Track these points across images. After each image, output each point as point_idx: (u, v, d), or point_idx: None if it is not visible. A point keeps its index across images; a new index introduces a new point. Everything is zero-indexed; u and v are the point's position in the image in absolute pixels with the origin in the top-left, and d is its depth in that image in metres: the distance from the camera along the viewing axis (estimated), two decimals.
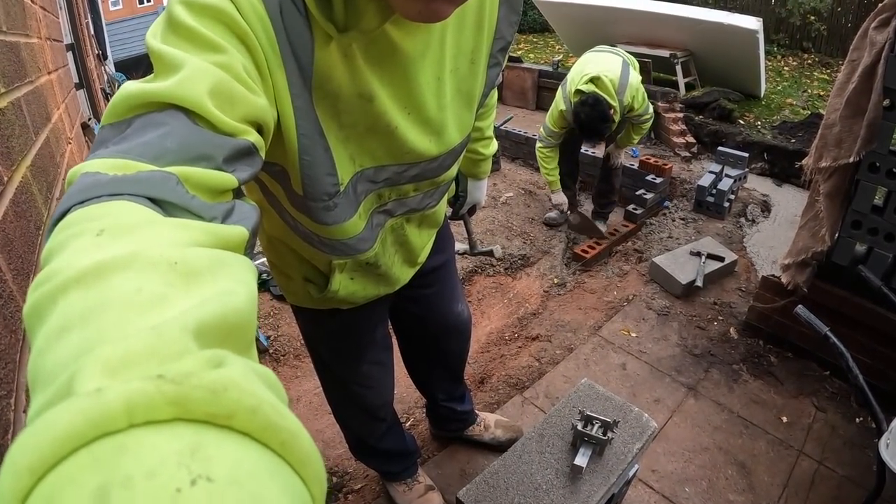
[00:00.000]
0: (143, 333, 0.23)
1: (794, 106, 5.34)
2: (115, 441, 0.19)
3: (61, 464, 0.18)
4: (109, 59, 7.07)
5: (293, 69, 0.60)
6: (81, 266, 0.28)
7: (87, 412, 0.19)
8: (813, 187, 2.05)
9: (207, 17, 0.51)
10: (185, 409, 0.20)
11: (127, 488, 0.17)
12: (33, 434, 0.19)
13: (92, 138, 1.73)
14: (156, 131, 0.42)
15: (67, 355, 0.24)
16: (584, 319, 2.67)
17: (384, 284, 1.08)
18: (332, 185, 0.73)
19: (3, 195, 0.47)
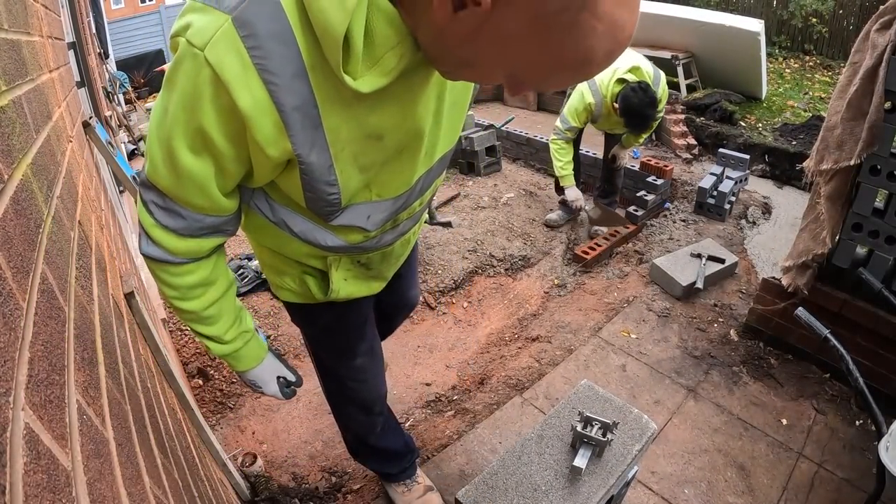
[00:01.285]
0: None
1: (795, 108, 5.34)
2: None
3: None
4: (111, 57, 7.07)
5: (303, 143, 0.70)
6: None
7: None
8: (814, 189, 2.05)
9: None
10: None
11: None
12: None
13: (93, 137, 1.74)
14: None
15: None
16: (584, 321, 2.67)
17: (375, 287, 1.19)
18: (333, 204, 0.83)
19: (4, 193, 0.47)
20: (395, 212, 0.94)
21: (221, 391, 2.33)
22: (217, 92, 0.64)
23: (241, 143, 0.70)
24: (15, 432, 0.35)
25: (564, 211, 3.63)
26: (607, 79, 2.82)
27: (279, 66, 0.63)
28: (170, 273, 0.89)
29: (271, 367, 1.15)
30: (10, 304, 0.41)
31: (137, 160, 4.96)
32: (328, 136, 0.71)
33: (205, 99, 0.65)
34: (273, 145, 0.69)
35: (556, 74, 0.61)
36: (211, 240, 0.87)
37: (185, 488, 0.88)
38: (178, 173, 0.73)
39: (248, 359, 1.07)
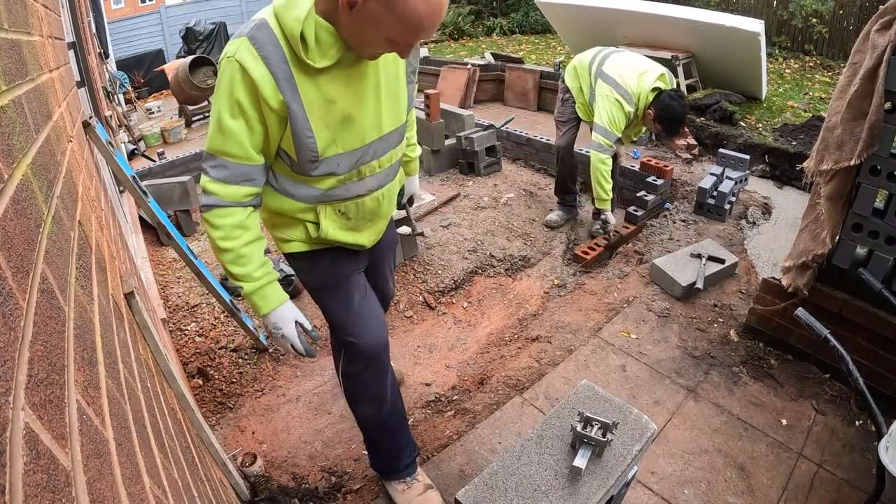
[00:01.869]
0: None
1: (795, 108, 5.34)
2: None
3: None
4: (111, 57, 7.07)
5: (291, 97, 1.16)
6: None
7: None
8: (814, 190, 2.05)
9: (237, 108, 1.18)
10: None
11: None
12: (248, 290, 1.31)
13: (93, 136, 1.74)
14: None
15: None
16: (584, 321, 2.67)
17: (358, 240, 1.49)
18: (312, 153, 1.25)
19: (4, 193, 0.47)
20: (356, 163, 1.33)
21: (221, 391, 2.33)
22: (243, 75, 1.13)
23: (258, 108, 1.17)
24: (15, 432, 0.35)
25: (564, 211, 3.64)
26: (638, 87, 2.87)
27: (272, 56, 1.13)
28: (218, 216, 1.26)
29: (291, 311, 1.39)
30: (10, 304, 0.41)
31: (137, 160, 4.96)
32: (301, 96, 1.17)
33: (236, 82, 1.14)
34: (273, 98, 1.15)
35: (410, 35, 1.08)
36: (245, 187, 1.26)
37: (184, 488, 0.88)
38: (224, 134, 1.19)
39: (272, 298, 1.35)
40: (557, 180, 3.59)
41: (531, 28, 10.62)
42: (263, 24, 1.12)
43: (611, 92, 2.90)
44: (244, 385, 2.38)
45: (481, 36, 10.53)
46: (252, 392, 2.34)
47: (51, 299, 0.53)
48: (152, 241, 3.49)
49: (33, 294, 0.48)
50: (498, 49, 8.67)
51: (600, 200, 3.17)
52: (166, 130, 5.67)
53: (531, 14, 10.50)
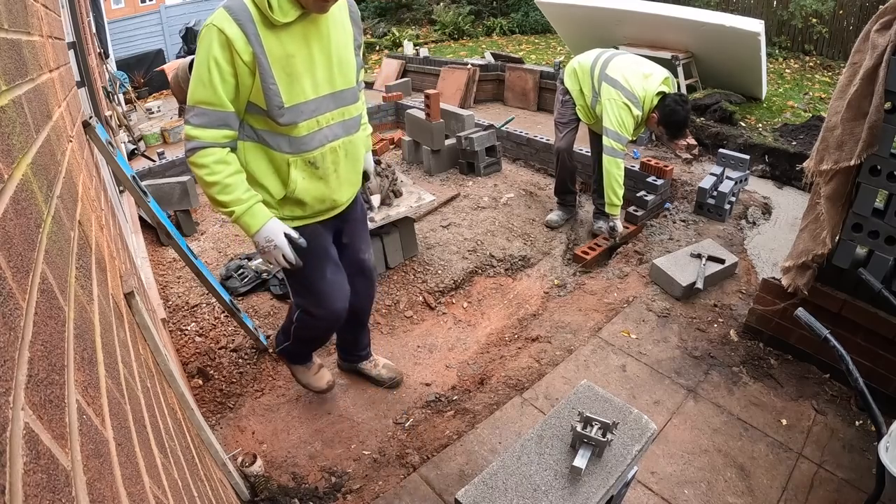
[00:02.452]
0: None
1: (795, 108, 5.34)
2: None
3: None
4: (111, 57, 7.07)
5: (259, 51, 1.41)
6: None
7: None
8: (814, 190, 2.05)
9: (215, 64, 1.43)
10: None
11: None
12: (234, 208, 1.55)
13: (93, 136, 1.74)
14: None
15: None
16: (584, 321, 2.67)
17: (327, 200, 1.70)
18: (278, 101, 1.48)
19: (4, 193, 0.47)
20: (314, 112, 1.56)
21: (221, 391, 2.33)
22: (219, 35, 1.38)
23: (231, 63, 1.42)
24: (15, 432, 0.35)
25: (564, 211, 3.63)
26: (643, 91, 2.89)
27: (244, 18, 1.39)
28: (201, 155, 1.48)
29: (279, 224, 1.62)
30: (10, 304, 0.41)
31: (137, 160, 4.96)
32: (266, 49, 1.42)
33: (214, 41, 1.39)
34: (244, 51, 1.40)
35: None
36: (222, 130, 1.49)
37: (184, 488, 0.88)
38: (203, 86, 1.43)
39: (261, 215, 1.58)
40: (557, 181, 3.59)
41: (531, 28, 10.62)
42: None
43: (618, 96, 2.90)
44: (244, 385, 2.38)
45: (481, 36, 10.53)
46: (252, 392, 2.34)
47: (51, 299, 0.53)
48: (152, 241, 3.49)
49: (33, 294, 0.48)
50: (498, 49, 8.68)
51: (611, 206, 3.15)
52: (166, 130, 5.67)
53: (531, 14, 10.50)
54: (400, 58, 7.75)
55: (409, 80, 7.02)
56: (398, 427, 2.15)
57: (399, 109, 5.90)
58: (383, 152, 5.17)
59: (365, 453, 2.03)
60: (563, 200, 3.65)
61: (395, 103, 6.01)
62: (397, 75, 7.35)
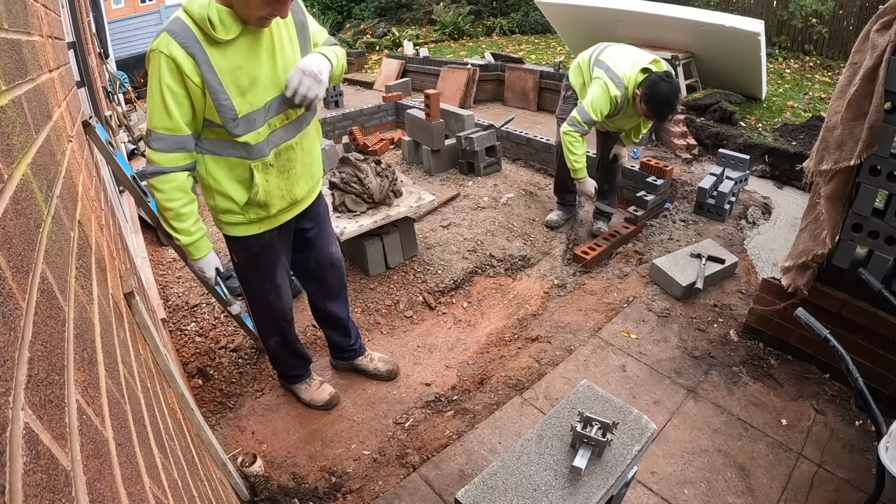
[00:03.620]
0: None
1: (795, 108, 5.34)
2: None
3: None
4: (111, 57, 7.07)
5: (207, 70, 1.46)
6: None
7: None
8: (814, 190, 2.05)
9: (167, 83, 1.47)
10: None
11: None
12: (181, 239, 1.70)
13: (93, 136, 1.75)
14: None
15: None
16: (584, 321, 2.67)
17: (287, 196, 1.78)
18: (232, 113, 1.53)
19: (4, 193, 0.47)
20: (266, 116, 1.61)
21: (221, 391, 2.33)
22: (167, 61, 1.43)
23: (183, 85, 1.46)
24: (15, 432, 0.35)
25: (564, 211, 3.63)
26: (630, 71, 2.81)
27: (188, 40, 1.42)
28: (161, 181, 1.57)
29: (214, 259, 1.82)
30: (10, 304, 0.41)
31: (137, 160, 4.95)
32: (215, 67, 1.46)
33: (163, 68, 1.43)
34: (193, 73, 1.45)
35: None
36: (180, 154, 1.57)
37: (184, 488, 0.88)
38: (158, 112, 1.49)
39: (203, 248, 1.75)
40: (556, 179, 3.59)
41: (531, 28, 10.62)
42: (176, 19, 1.45)
43: (601, 75, 2.87)
44: (244, 385, 2.38)
45: (481, 36, 10.53)
46: (252, 392, 2.34)
47: (51, 299, 0.53)
48: (152, 241, 3.49)
49: (33, 294, 0.48)
50: (498, 49, 8.67)
51: (574, 171, 3.13)
52: None
53: (531, 14, 10.50)
54: (400, 58, 7.75)
55: (409, 80, 7.02)
56: (398, 427, 2.15)
57: (399, 109, 5.90)
58: (383, 152, 5.17)
59: (365, 453, 2.03)
60: (562, 200, 3.65)
61: (395, 103, 6.01)
62: (397, 75, 7.35)
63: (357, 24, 10.96)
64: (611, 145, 3.34)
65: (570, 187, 3.56)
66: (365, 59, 9.16)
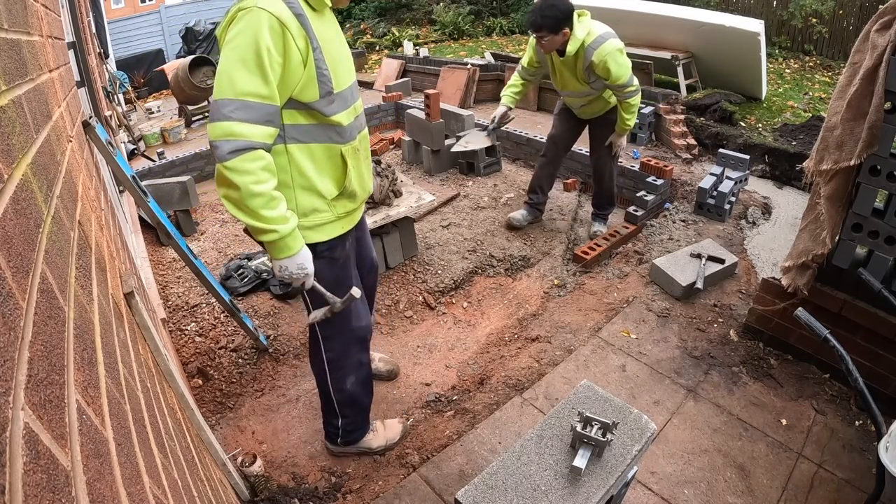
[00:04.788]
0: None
1: (795, 108, 5.34)
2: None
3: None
4: (111, 57, 7.07)
5: (312, 35, 1.34)
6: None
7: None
8: (814, 190, 2.05)
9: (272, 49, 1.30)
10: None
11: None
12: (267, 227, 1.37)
13: (93, 136, 1.74)
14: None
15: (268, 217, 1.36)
16: (584, 321, 2.67)
17: (365, 187, 1.66)
18: (330, 86, 1.41)
19: (4, 193, 0.47)
20: (351, 97, 1.53)
21: (221, 391, 2.33)
22: (269, 20, 1.26)
23: (282, 51, 1.29)
24: (15, 432, 0.35)
25: (528, 212, 3.57)
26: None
27: (294, 4, 1.31)
28: (248, 159, 1.29)
29: (309, 251, 1.49)
30: (9, 304, 0.41)
31: (137, 160, 4.96)
32: (317, 34, 1.35)
33: (263, 26, 1.25)
34: (299, 35, 1.30)
35: None
36: (269, 128, 1.33)
37: (184, 488, 0.88)
38: (251, 75, 1.26)
39: (300, 238, 1.45)
40: (535, 171, 3.53)
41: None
42: None
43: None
44: (244, 385, 2.38)
45: (481, 36, 10.53)
46: (252, 392, 2.34)
47: (51, 299, 0.53)
48: (152, 241, 3.49)
49: (33, 294, 0.48)
50: (498, 49, 8.67)
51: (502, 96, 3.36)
52: (166, 130, 5.67)
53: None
54: (400, 58, 7.75)
55: (409, 80, 7.01)
56: None
57: (399, 109, 5.90)
58: (383, 152, 5.17)
59: (367, 452, 2.03)
60: (529, 199, 3.57)
61: (395, 103, 6.01)
62: (397, 75, 7.34)
63: (357, 24, 10.96)
64: (596, 135, 3.26)
65: (544, 187, 3.50)
66: (365, 60, 9.16)
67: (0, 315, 0.38)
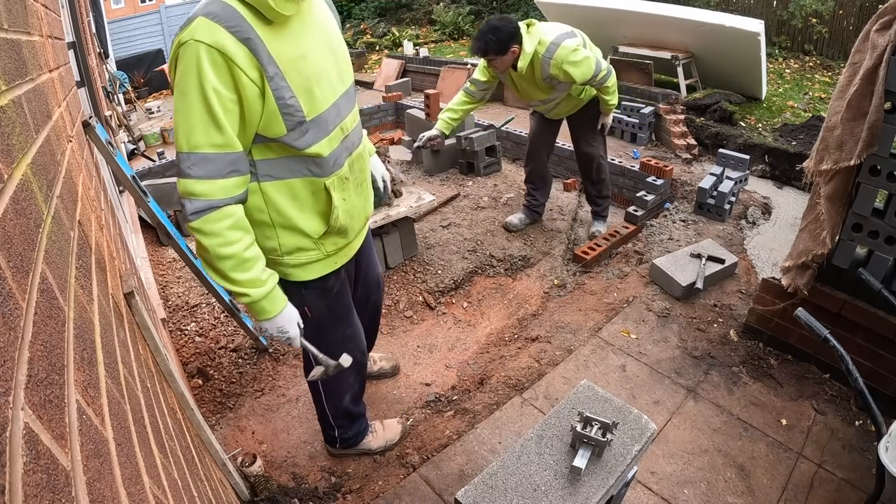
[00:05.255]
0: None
1: (795, 108, 5.34)
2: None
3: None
4: (111, 57, 7.07)
5: (267, 60, 1.12)
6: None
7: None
8: (814, 190, 2.05)
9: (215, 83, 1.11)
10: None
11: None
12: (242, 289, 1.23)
13: (93, 136, 1.74)
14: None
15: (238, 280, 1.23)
16: (583, 321, 2.67)
17: (363, 215, 1.52)
18: (299, 116, 1.20)
19: (4, 193, 0.47)
20: (338, 116, 1.32)
21: (221, 391, 2.33)
22: (210, 54, 1.06)
23: (232, 87, 1.10)
24: (14, 432, 0.35)
25: (527, 215, 3.57)
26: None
27: (237, 24, 1.07)
28: (212, 220, 1.16)
29: (294, 312, 1.37)
30: (9, 304, 0.41)
31: (137, 160, 4.96)
32: (274, 56, 1.13)
33: (204, 64, 1.06)
34: (250, 66, 1.10)
35: None
36: (233, 178, 1.18)
37: (184, 488, 0.88)
38: (202, 124, 1.10)
39: (279, 300, 1.32)
40: (527, 174, 3.50)
41: None
42: (212, 1, 1.09)
43: None
44: (244, 385, 2.38)
45: None
46: (252, 392, 2.34)
47: (51, 299, 0.53)
48: (152, 241, 3.49)
49: (33, 294, 0.48)
50: None
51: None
52: (166, 130, 5.67)
53: (531, 14, 10.50)
54: (400, 58, 7.75)
55: (409, 80, 7.02)
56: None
57: (399, 109, 5.90)
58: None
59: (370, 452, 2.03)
60: (527, 202, 3.55)
61: (394, 103, 6.01)
62: (397, 75, 7.35)
63: (357, 24, 10.95)
64: (578, 131, 3.23)
65: (540, 186, 3.49)
66: (365, 59, 9.16)
67: (0, 315, 0.38)
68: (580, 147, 3.27)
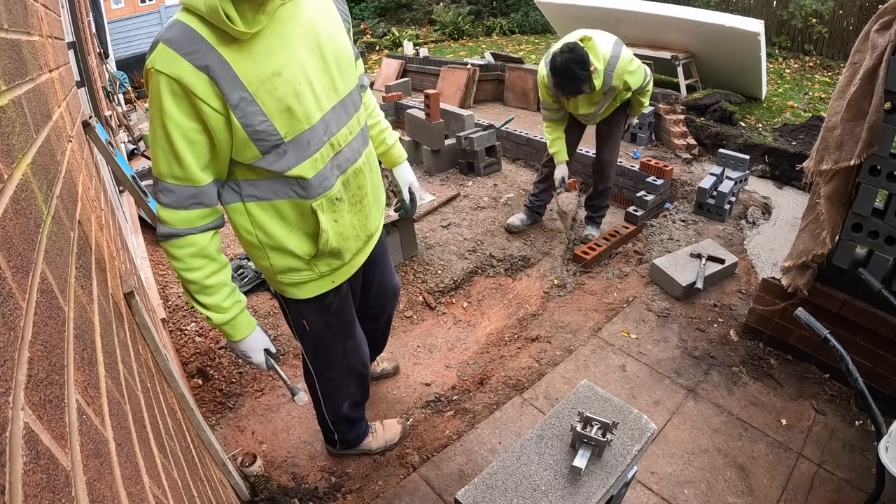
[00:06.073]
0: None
1: (795, 108, 5.34)
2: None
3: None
4: (111, 57, 7.07)
5: (230, 86, 1.04)
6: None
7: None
8: (814, 190, 2.05)
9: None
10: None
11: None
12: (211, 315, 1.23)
13: (93, 136, 1.74)
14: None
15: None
16: (583, 321, 2.67)
17: (363, 234, 1.43)
18: (275, 138, 1.12)
19: (4, 193, 0.47)
20: (326, 133, 1.21)
21: (221, 391, 2.33)
22: (169, 84, 1.01)
23: (195, 116, 1.05)
24: (15, 432, 0.35)
25: (528, 216, 3.56)
26: (553, 50, 2.75)
27: (196, 48, 1.00)
28: (175, 246, 1.17)
29: (260, 339, 1.37)
30: (10, 304, 0.41)
31: (137, 160, 4.96)
32: (242, 79, 1.05)
33: (164, 93, 1.02)
34: (210, 96, 1.03)
35: None
36: (196, 210, 1.16)
37: (184, 488, 0.88)
38: (164, 154, 1.09)
39: (242, 327, 1.31)
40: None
41: (531, 28, 10.62)
42: (174, 23, 1.03)
43: (542, 62, 2.86)
44: (244, 385, 2.38)
45: (481, 36, 10.53)
46: (252, 392, 2.34)
47: (51, 299, 0.53)
48: (152, 241, 3.49)
49: (33, 294, 0.48)
50: (498, 49, 8.67)
51: (552, 153, 3.20)
52: None
53: (531, 14, 10.51)
54: (400, 58, 7.75)
55: (409, 80, 7.01)
56: None
57: (399, 109, 5.90)
58: None
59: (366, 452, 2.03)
60: (529, 202, 3.54)
61: (395, 103, 6.01)
62: (397, 75, 7.34)
63: (357, 24, 10.96)
64: (606, 133, 3.21)
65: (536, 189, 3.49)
66: (365, 59, 9.16)
67: (0, 315, 0.38)
68: (602, 153, 3.28)
